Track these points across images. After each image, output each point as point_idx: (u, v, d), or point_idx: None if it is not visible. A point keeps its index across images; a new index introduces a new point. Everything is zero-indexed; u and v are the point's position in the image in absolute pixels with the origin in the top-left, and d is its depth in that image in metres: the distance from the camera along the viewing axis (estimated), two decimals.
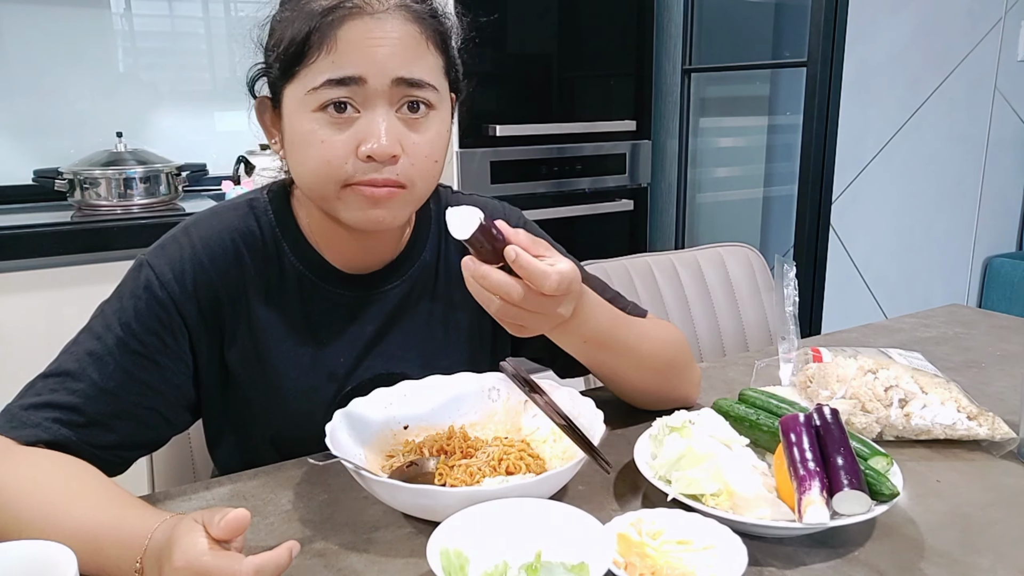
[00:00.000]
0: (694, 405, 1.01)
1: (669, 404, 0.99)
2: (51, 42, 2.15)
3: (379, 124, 0.80)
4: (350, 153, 0.81)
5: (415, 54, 0.82)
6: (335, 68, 0.79)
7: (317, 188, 0.84)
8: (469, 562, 0.64)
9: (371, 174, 0.81)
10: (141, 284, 0.85)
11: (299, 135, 0.82)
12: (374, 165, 0.81)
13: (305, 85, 0.80)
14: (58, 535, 0.65)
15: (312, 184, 0.84)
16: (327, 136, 0.81)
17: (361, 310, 0.94)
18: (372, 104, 0.80)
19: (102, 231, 1.78)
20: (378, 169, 0.81)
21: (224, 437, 0.95)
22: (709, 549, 0.68)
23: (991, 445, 0.92)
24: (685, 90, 2.74)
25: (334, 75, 0.79)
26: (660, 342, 0.97)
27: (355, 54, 0.79)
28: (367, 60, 0.79)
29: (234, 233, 0.90)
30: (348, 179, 0.82)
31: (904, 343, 1.30)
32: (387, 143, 0.80)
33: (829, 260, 2.52)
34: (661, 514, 0.71)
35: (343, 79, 0.79)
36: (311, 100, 0.80)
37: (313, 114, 0.81)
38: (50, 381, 0.80)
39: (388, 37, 0.80)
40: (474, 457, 0.84)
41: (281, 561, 0.59)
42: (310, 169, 0.83)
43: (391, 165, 0.82)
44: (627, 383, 0.97)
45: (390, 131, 0.80)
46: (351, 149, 0.81)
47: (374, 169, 0.81)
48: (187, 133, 2.34)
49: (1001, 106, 2.92)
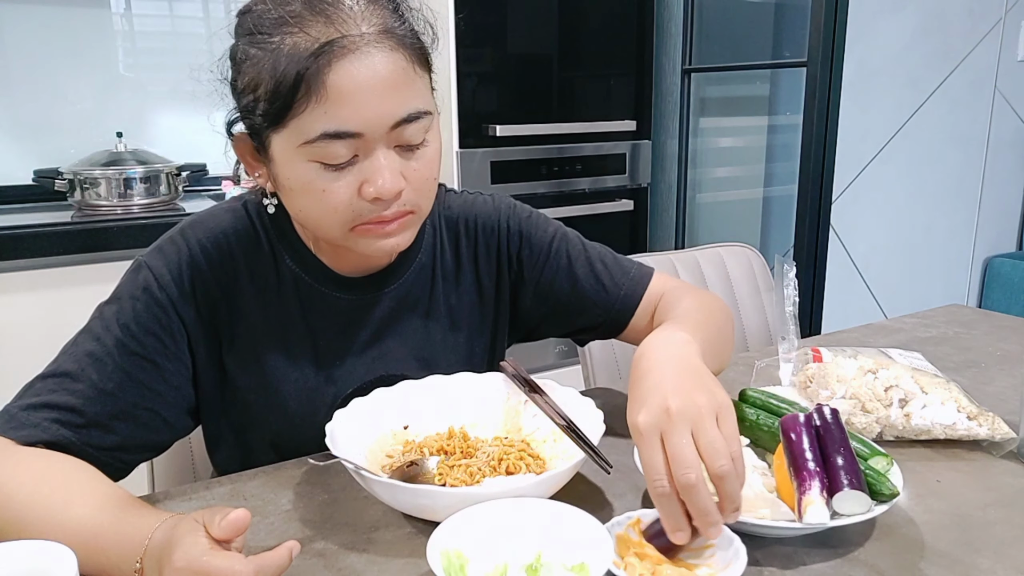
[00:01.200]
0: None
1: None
2: (51, 42, 2.15)
3: (381, 165, 0.78)
4: (353, 196, 0.78)
5: (407, 88, 0.78)
6: (329, 120, 0.74)
7: (323, 231, 0.83)
8: (469, 562, 0.64)
9: (379, 212, 0.80)
10: (139, 285, 0.85)
11: (296, 184, 0.79)
12: (381, 204, 0.79)
13: (297, 136, 0.76)
14: (58, 535, 0.65)
15: (317, 228, 0.83)
16: (327, 184, 0.78)
17: (358, 313, 0.94)
18: (371, 149, 0.78)
19: (102, 231, 1.78)
20: (385, 206, 0.80)
21: (223, 440, 0.95)
22: (707, 549, 0.68)
23: (991, 445, 0.92)
24: (685, 90, 2.74)
25: (329, 128, 0.75)
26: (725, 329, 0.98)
27: (348, 105, 0.74)
28: (362, 112, 0.75)
29: (230, 235, 0.90)
30: (355, 220, 0.80)
31: (904, 343, 1.30)
32: (391, 184, 0.78)
33: (829, 260, 2.52)
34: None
35: (339, 133, 0.75)
36: (305, 151, 0.76)
37: (309, 163, 0.77)
38: (49, 382, 0.80)
39: (378, 77, 0.75)
40: (474, 457, 0.84)
41: (281, 561, 0.59)
42: (314, 217, 0.81)
43: (396, 200, 0.80)
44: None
45: (392, 170, 0.78)
46: (354, 192, 0.78)
47: (382, 207, 0.80)
48: (187, 133, 2.34)
49: (1001, 106, 2.92)
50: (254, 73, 0.77)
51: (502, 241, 1.01)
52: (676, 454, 0.64)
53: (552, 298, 1.02)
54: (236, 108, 0.83)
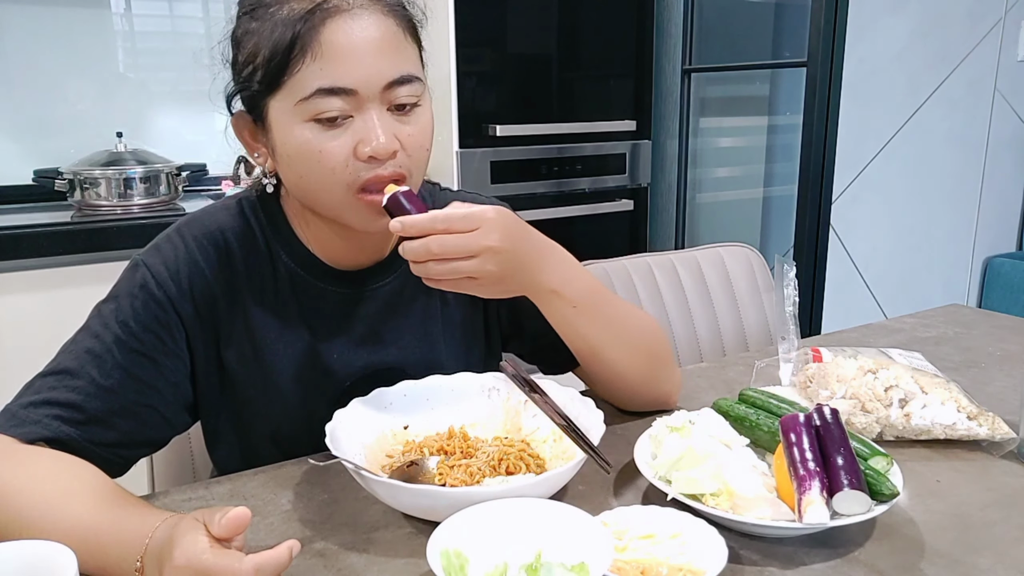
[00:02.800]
0: (674, 407, 1.00)
1: (651, 401, 0.99)
2: (51, 42, 2.15)
3: (375, 124, 0.80)
4: (349, 156, 0.81)
5: (398, 50, 0.82)
6: (324, 76, 0.78)
7: (323, 198, 0.84)
8: (469, 562, 0.64)
9: (375, 171, 0.81)
10: (137, 283, 0.85)
11: (294, 147, 0.81)
12: (376, 163, 0.81)
13: (293, 95, 0.79)
14: (58, 534, 0.65)
15: (317, 193, 0.84)
16: (324, 144, 0.80)
17: (355, 307, 0.94)
18: (365, 107, 0.80)
19: (102, 231, 1.78)
20: (381, 165, 0.81)
21: (223, 437, 0.95)
22: (676, 537, 0.68)
23: (991, 445, 0.92)
24: (685, 90, 2.74)
25: (324, 84, 0.78)
26: (643, 322, 0.97)
27: (342, 62, 0.78)
28: (356, 69, 0.78)
29: (226, 232, 0.90)
30: (354, 182, 0.81)
31: (904, 343, 1.30)
32: (386, 141, 0.80)
33: (829, 260, 2.52)
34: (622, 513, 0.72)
35: (334, 88, 0.78)
36: (302, 110, 0.79)
37: (305, 123, 0.80)
38: (49, 379, 0.81)
39: (371, 38, 0.79)
40: (474, 457, 0.84)
41: (281, 560, 0.59)
42: (313, 180, 0.82)
43: (391, 160, 0.82)
44: (613, 365, 0.95)
45: (386, 129, 0.81)
46: (349, 152, 0.80)
47: (377, 166, 0.81)
48: (187, 133, 2.34)
49: (1001, 106, 2.92)
50: (253, 43, 0.81)
51: None
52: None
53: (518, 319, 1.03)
54: (236, 87, 0.85)
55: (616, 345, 0.93)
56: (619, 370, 0.96)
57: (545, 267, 0.85)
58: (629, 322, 0.95)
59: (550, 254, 0.86)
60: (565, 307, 0.88)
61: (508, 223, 0.79)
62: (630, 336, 0.95)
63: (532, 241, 0.84)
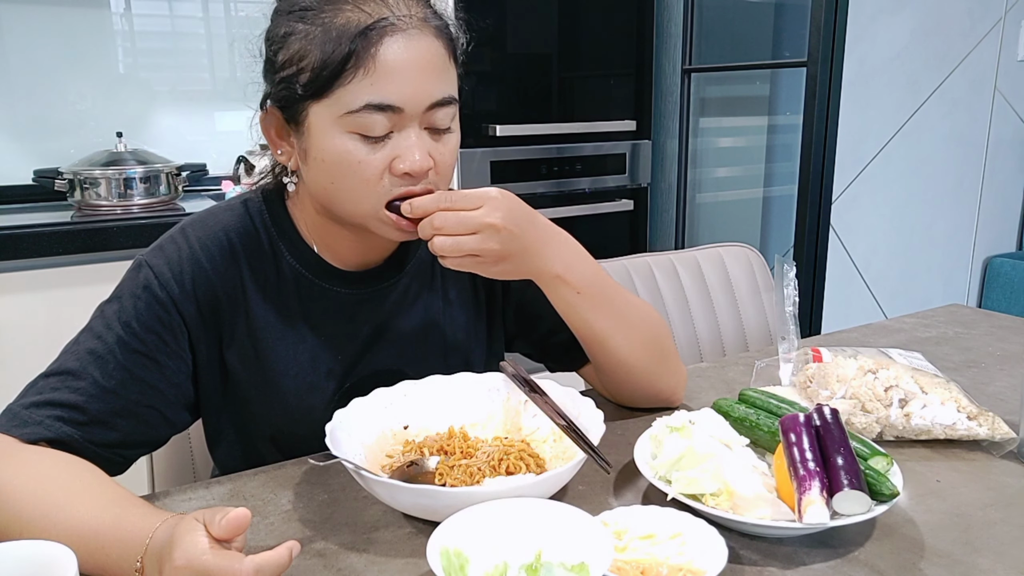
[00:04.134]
0: (679, 404, 1.01)
1: (656, 395, 0.99)
2: (51, 42, 2.15)
3: (413, 143, 0.82)
4: (384, 170, 0.82)
5: (444, 73, 0.84)
6: (374, 92, 0.79)
7: (354, 206, 0.85)
8: (469, 562, 0.64)
9: (407, 187, 0.83)
10: (140, 284, 0.85)
11: (332, 155, 0.82)
12: (410, 179, 0.83)
13: (340, 106, 0.80)
14: (59, 534, 0.65)
15: (348, 201, 0.85)
16: (363, 156, 0.81)
17: (358, 307, 0.94)
18: (405, 125, 0.82)
19: (102, 231, 1.78)
20: (413, 182, 0.83)
21: (224, 436, 0.95)
22: (676, 537, 0.68)
23: (991, 445, 0.92)
24: (685, 90, 2.74)
25: (373, 100, 0.79)
26: (647, 312, 0.98)
27: (394, 80, 0.79)
28: (406, 87, 0.80)
29: (231, 232, 0.90)
30: (386, 195, 0.83)
31: (904, 343, 1.30)
32: (421, 161, 0.82)
33: (829, 260, 2.52)
34: (622, 513, 0.72)
35: (382, 105, 0.79)
36: (347, 122, 0.80)
37: (349, 134, 0.81)
38: (51, 380, 0.81)
39: (422, 59, 0.81)
40: (474, 457, 0.84)
41: (281, 560, 0.59)
42: (347, 188, 0.83)
43: (424, 178, 0.84)
44: (618, 352, 0.95)
45: (422, 148, 0.82)
46: (385, 166, 0.82)
47: (410, 182, 0.83)
48: (187, 133, 2.34)
49: (1001, 106, 2.92)
50: (300, 45, 0.81)
51: None
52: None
53: (528, 317, 1.04)
54: (269, 84, 0.86)
55: (622, 333, 0.94)
56: (624, 358, 0.96)
57: (549, 252, 0.86)
58: (633, 311, 0.96)
59: (554, 239, 0.88)
60: (570, 293, 0.89)
61: (512, 205, 0.82)
62: (635, 325, 0.95)
63: (536, 224, 0.85)
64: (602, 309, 0.92)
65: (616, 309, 0.93)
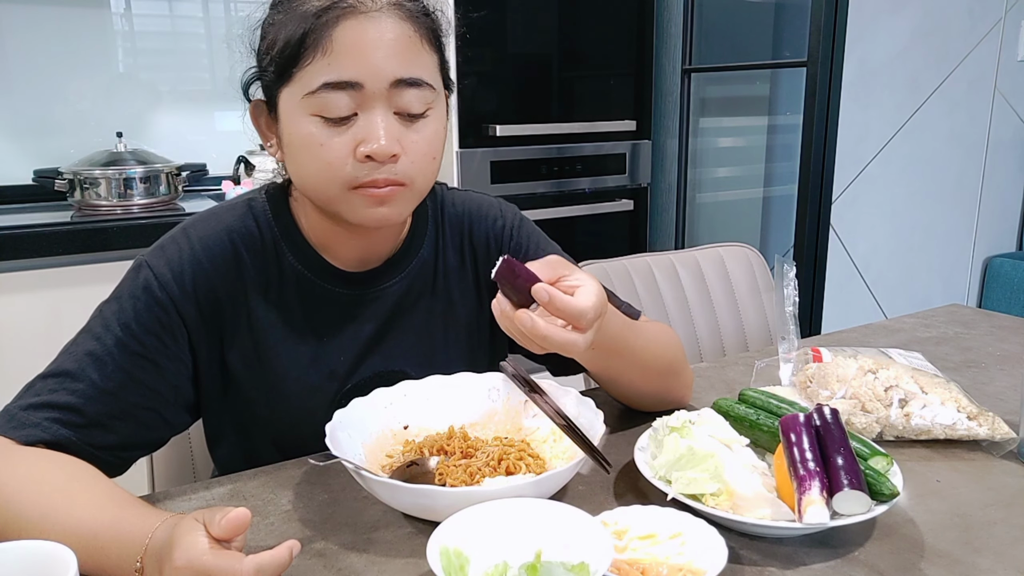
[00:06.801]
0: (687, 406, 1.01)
1: (664, 406, 0.99)
2: (51, 42, 2.15)
3: (378, 125, 0.80)
4: (349, 154, 0.81)
5: (411, 54, 0.82)
6: (331, 71, 0.79)
7: (320, 191, 0.84)
8: (469, 562, 0.64)
9: (372, 174, 0.81)
10: (140, 285, 0.85)
11: (297, 139, 0.82)
12: (374, 165, 0.81)
13: (301, 88, 0.80)
14: (58, 534, 0.65)
15: (315, 187, 0.84)
16: (326, 139, 0.81)
17: (360, 308, 0.94)
18: (370, 106, 0.81)
19: (102, 231, 1.78)
20: (378, 169, 0.81)
21: (225, 436, 0.95)
22: (676, 537, 0.68)
23: (991, 445, 0.92)
24: (685, 90, 2.74)
25: (330, 78, 0.79)
26: (662, 345, 0.97)
27: (351, 57, 0.79)
28: (364, 63, 0.79)
29: (232, 233, 0.90)
30: (351, 181, 0.82)
31: (904, 343, 1.30)
32: (386, 144, 0.80)
33: (829, 260, 2.52)
34: (622, 513, 0.72)
35: (340, 83, 0.79)
36: (308, 104, 0.80)
37: (311, 117, 0.81)
38: (49, 381, 0.80)
39: (383, 38, 0.80)
40: (474, 457, 0.84)
41: (281, 560, 0.59)
42: (311, 173, 0.83)
43: (391, 164, 0.82)
44: (629, 386, 0.97)
45: (389, 131, 0.81)
46: (350, 150, 0.81)
47: (374, 169, 0.81)
48: (187, 133, 2.34)
49: (1001, 106, 2.92)
50: (272, 33, 0.82)
51: (504, 248, 1.02)
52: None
53: None
54: (255, 74, 0.87)
55: (636, 372, 0.94)
56: (637, 387, 0.97)
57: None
58: (648, 349, 0.94)
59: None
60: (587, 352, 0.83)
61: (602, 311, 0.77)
62: (649, 362, 0.95)
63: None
64: (619, 356, 0.90)
65: (633, 354, 0.91)
